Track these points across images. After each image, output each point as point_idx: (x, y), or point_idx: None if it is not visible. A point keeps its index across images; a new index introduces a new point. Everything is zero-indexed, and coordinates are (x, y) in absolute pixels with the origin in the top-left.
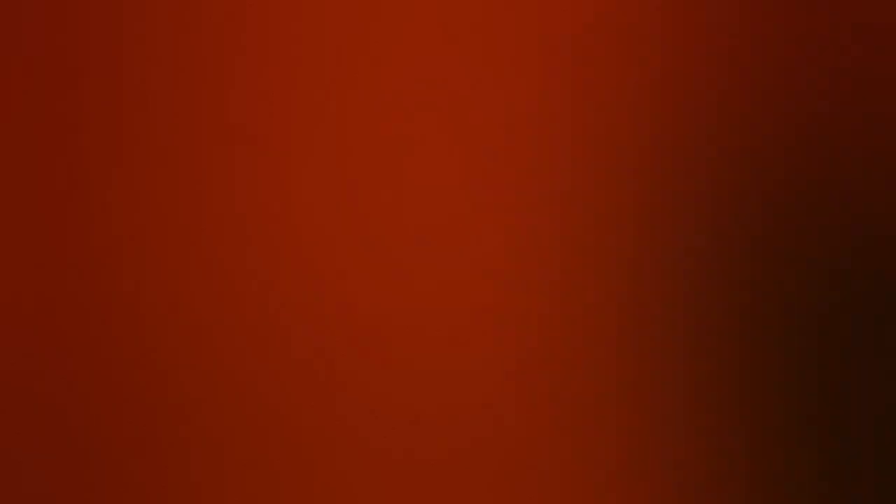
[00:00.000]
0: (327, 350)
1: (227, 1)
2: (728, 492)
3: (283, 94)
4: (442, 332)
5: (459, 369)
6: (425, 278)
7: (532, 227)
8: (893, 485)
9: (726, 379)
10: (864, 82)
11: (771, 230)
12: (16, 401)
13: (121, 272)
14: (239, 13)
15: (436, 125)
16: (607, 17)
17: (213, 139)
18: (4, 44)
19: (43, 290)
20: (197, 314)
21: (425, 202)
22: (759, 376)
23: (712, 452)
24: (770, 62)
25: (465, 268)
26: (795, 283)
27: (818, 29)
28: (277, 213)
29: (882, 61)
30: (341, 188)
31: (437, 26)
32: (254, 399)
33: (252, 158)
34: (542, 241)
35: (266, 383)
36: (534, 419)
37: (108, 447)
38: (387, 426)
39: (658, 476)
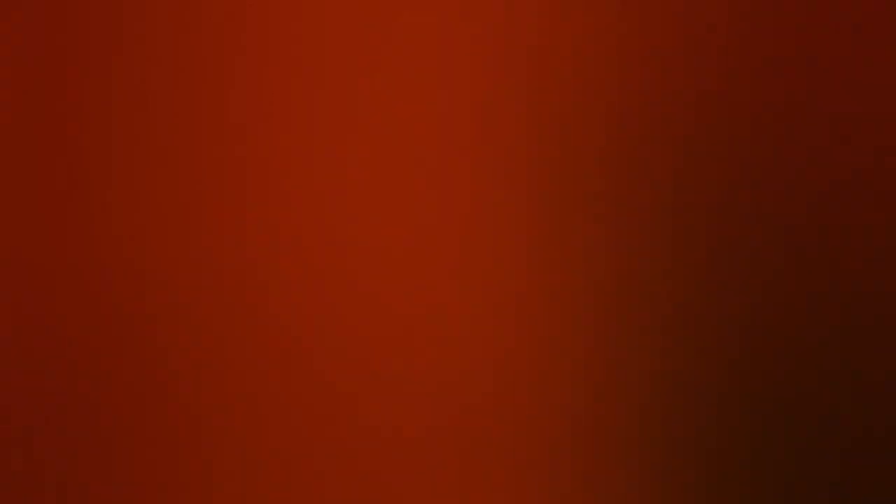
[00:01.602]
0: (325, 348)
1: (228, 1)
2: (717, 491)
3: (283, 94)
4: (438, 330)
5: (457, 367)
6: (424, 278)
7: (529, 228)
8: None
9: (712, 378)
10: (863, 82)
11: (764, 230)
12: (16, 401)
13: (121, 272)
14: (239, 13)
15: (435, 125)
16: (602, 17)
17: (213, 139)
18: (4, 44)
19: (43, 290)
20: (196, 313)
21: (425, 202)
22: (744, 376)
23: (700, 452)
24: (768, 62)
25: (463, 267)
26: (791, 284)
27: (817, 28)
28: (276, 212)
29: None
30: (340, 188)
31: (434, 27)
32: (253, 398)
33: (252, 158)
34: (536, 241)
35: (264, 382)
36: (528, 420)
37: (108, 447)
38: (385, 426)
39: (645, 476)
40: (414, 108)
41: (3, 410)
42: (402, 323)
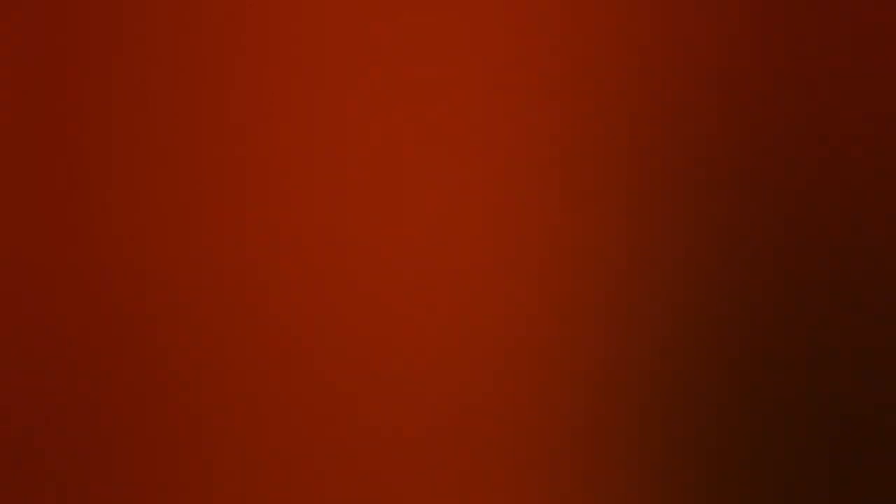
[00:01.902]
0: (325, 348)
1: (228, 1)
2: (717, 491)
3: (283, 94)
4: (438, 330)
5: (457, 368)
6: (424, 278)
7: (531, 228)
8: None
9: (712, 378)
10: (863, 82)
11: (768, 231)
12: (16, 401)
13: (121, 272)
14: (239, 13)
15: (434, 125)
16: (604, 15)
17: (213, 139)
18: (4, 44)
19: (43, 290)
20: (196, 313)
21: (424, 202)
22: (746, 376)
23: (699, 452)
24: (769, 62)
25: (463, 267)
26: (792, 284)
27: (818, 28)
28: (276, 212)
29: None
30: (340, 188)
31: (434, 27)
32: (253, 398)
33: (252, 158)
34: (540, 241)
35: (264, 382)
36: (529, 420)
37: (108, 447)
38: (385, 426)
39: (645, 477)
40: (414, 107)
41: (3, 410)
42: (403, 323)
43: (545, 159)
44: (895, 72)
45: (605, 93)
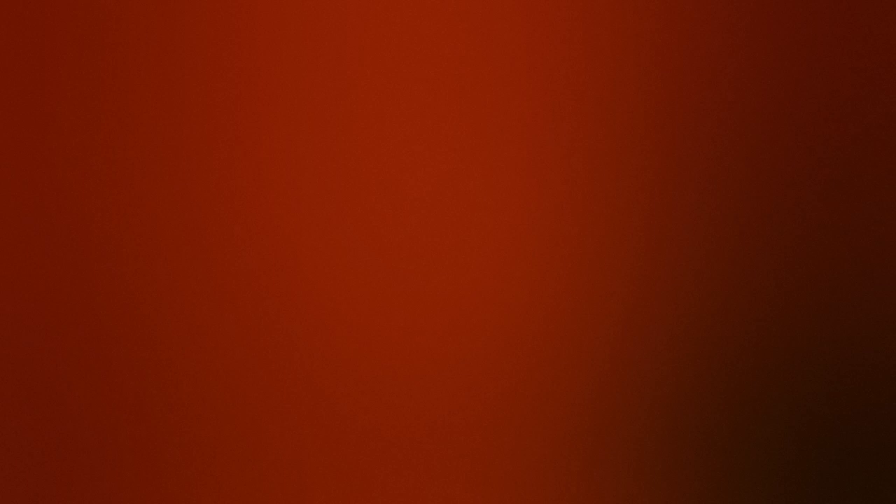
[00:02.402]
0: (326, 349)
1: (228, 1)
2: (718, 491)
3: (283, 94)
4: (440, 331)
5: (456, 369)
6: (426, 276)
7: (535, 226)
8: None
9: (715, 379)
10: (863, 82)
11: (772, 232)
12: (16, 401)
13: (121, 272)
14: (239, 13)
15: (436, 125)
16: (609, 15)
17: (213, 139)
18: (4, 43)
19: (43, 289)
20: (197, 314)
21: (425, 201)
22: (747, 377)
23: (700, 452)
24: (770, 61)
25: (465, 268)
26: (795, 284)
27: (819, 28)
28: (276, 212)
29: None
30: (341, 187)
31: (437, 26)
32: (254, 399)
33: (251, 158)
34: (545, 240)
35: (265, 383)
36: (536, 419)
37: (107, 447)
38: (387, 426)
39: (646, 478)
40: (414, 107)
41: (3, 410)
42: (403, 323)
43: (549, 159)
44: (895, 72)
45: (609, 93)
